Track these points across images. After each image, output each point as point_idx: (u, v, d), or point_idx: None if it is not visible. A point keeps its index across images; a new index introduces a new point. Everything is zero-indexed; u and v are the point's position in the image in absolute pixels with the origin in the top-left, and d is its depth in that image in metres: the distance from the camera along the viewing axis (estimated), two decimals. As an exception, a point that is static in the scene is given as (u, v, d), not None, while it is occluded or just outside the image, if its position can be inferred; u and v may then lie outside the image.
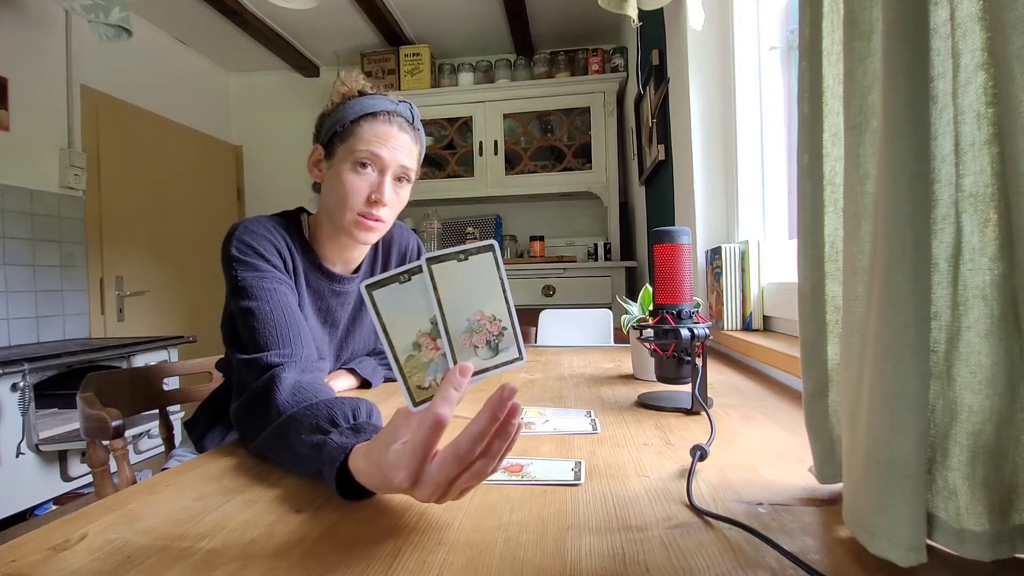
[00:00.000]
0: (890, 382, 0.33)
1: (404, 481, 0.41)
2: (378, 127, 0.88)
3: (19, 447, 1.96)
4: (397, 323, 0.45)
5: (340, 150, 0.88)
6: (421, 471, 0.41)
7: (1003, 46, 0.29)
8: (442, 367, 0.46)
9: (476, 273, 0.45)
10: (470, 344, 0.46)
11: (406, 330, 0.45)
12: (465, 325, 0.46)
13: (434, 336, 0.45)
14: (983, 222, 0.33)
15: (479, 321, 0.46)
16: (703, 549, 0.39)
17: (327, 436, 0.53)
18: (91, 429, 0.90)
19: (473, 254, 0.45)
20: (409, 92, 3.42)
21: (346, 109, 0.89)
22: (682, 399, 0.82)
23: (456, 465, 0.41)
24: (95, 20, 2.31)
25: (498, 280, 0.46)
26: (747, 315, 1.32)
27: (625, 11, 1.51)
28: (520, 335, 0.47)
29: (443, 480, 0.41)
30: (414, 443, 0.41)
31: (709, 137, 1.63)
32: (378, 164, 0.88)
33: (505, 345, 0.47)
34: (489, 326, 0.46)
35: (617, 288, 3.06)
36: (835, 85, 0.44)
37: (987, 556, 0.34)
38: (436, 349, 0.46)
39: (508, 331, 0.46)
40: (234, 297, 0.80)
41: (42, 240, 2.63)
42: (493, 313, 0.46)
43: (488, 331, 0.46)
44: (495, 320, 0.46)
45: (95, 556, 0.40)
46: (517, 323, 0.47)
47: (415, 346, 0.45)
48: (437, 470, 0.41)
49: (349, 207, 0.88)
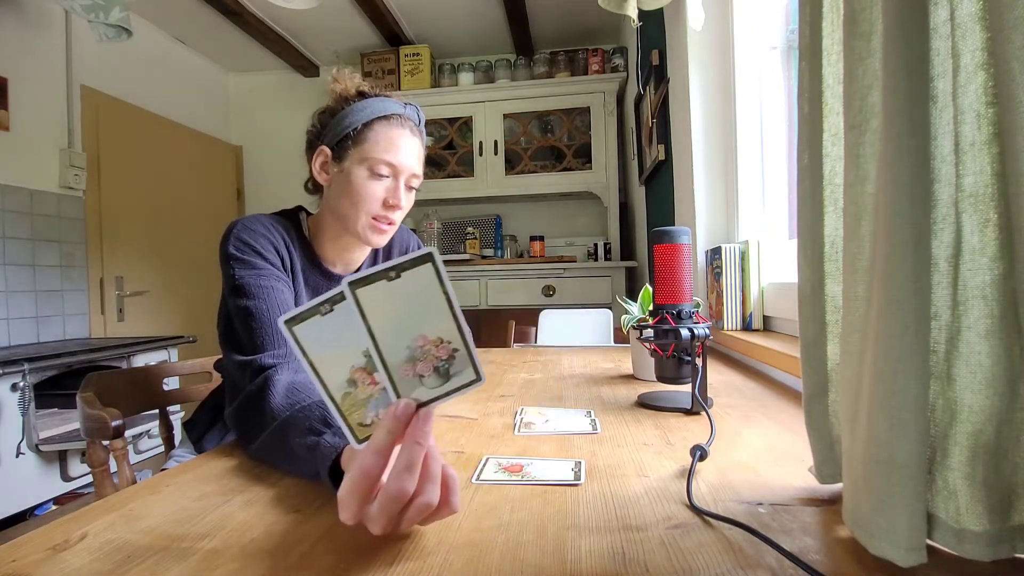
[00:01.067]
0: (890, 382, 0.33)
1: (348, 521, 0.40)
2: (392, 131, 0.88)
3: (19, 447, 1.96)
4: (325, 359, 0.40)
5: (352, 153, 0.88)
6: (362, 512, 0.40)
7: (1003, 46, 0.29)
8: (384, 401, 0.41)
9: (413, 291, 0.39)
10: (414, 374, 0.40)
11: (337, 366, 0.40)
12: (406, 354, 0.40)
13: (369, 370, 0.41)
14: (983, 222, 0.33)
15: (422, 348, 0.40)
16: (703, 549, 0.39)
17: (320, 437, 0.53)
18: (91, 429, 0.90)
19: (407, 269, 0.38)
20: (409, 92, 3.42)
21: (355, 112, 0.89)
22: (682, 399, 0.82)
23: (395, 503, 0.39)
24: (95, 20, 2.31)
25: (441, 295, 0.39)
26: (747, 315, 1.32)
27: (625, 11, 1.51)
28: (475, 354, 0.41)
29: (387, 519, 0.39)
30: (348, 488, 0.40)
31: (709, 137, 1.63)
32: (393, 171, 0.89)
33: (457, 369, 0.41)
34: (436, 351, 0.40)
35: (617, 288, 3.06)
36: (835, 85, 0.44)
37: (987, 556, 0.34)
38: (374, 384, 0.41)
39: (460, 352, 0.40)
40: (231, 295, 0.80)
41: (42, 240, 2.63)
42: (439, 335, 0.40)
43: (435, 356, 0.40)
44: (443, 343, 0.40)
45: (95, 556, 0.40)
46: (471, 341, 0.41)
47: (350, 383, 0.41)
48: (379, 510, 0.39)
49: (365, 211, 0.88)
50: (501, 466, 0.57)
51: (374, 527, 0.40)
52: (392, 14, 3.24)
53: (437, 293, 0.39)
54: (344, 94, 0.91)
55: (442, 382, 0.41)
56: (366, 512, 0.40)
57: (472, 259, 3.32)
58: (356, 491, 0.40)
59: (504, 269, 3.18)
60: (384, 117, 0.88)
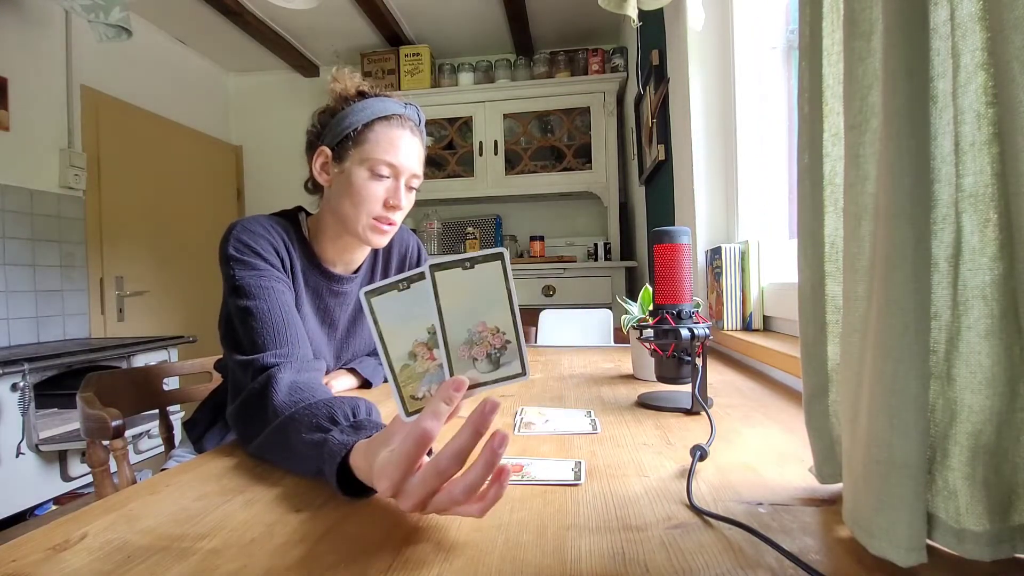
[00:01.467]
0: (890, 382, 0.33)
1: (387, 491, 0.42)
2: (392, 132, 0.88)
3: (19, 447, 1.96)
4: (394, 331, 0.43)
5: (353, 154, 0.88)
6: (403, 483, 0.41)
7: (1003, 46, 0.29)
8: (438, 378, 0.44)
9: (482, 282, 0.43)
10: (469, 356, 0.44)
11: (403, 339, 0.44)
12: (465, 336, 0.44)
13: (431, 346, 0.44)
14: (983, 222, 0.33)
15: (480, 333, 0.44)
16: (703, 549, 0.39)
17: (327, 434, 0.53)
18: (91, 429, 0.90)
19: (480, 262, 0.43)
20: (409, 92, 3.42)
21: (356, 112, 0.89)
22: (682, 399, 0.82)
23: (436, 479, 0.40)
24: (95, 20, 2.31)
25: (505, 291, 0.43)
26: (747, 315, 1.32)
27: (625, 11, 1.51)
28: (525, 350, 0.45)
29: (424, 494, 0.41)
30: (398, 454, 0.41)
31: (709, 137, 1.63)
32: (394, 171, 0.89)
33: (507, 359, 0.44)
34: (491, 338, 0.44)
35: (617, 288, 3.06)
36: (835, 85, 0.44)
37: (987, 556, 0.34)
38: (432, 360, 0.44)
39: (512, 345, 0.44)
40: (232, 296, 0.80)
41: (42, 240, 2.63)
42: (497, 325, 0.44)
43: (490, 343, 0.44)
44: (498, 332, 0.44)
45: (95, 556, 0.40)
46: (523, 337, 0.45)
47: (411, 356, 0.44)
48: (419, 483, 0.41)
49: (365, 212, 0.88)
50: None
51: (408, 501, 0.41)
52: (392, 14, 3.24)
53: (501, 288, 0.43)
54: (344, 94, 0.91)
55: (492, 369, 0.44)
56: (405, 484, 0.41)
57: (472, 259, 3.31)
58: (405, 457, 0.41)
59: (504, 269, 3.18)
60: (384, 118, 0.89)
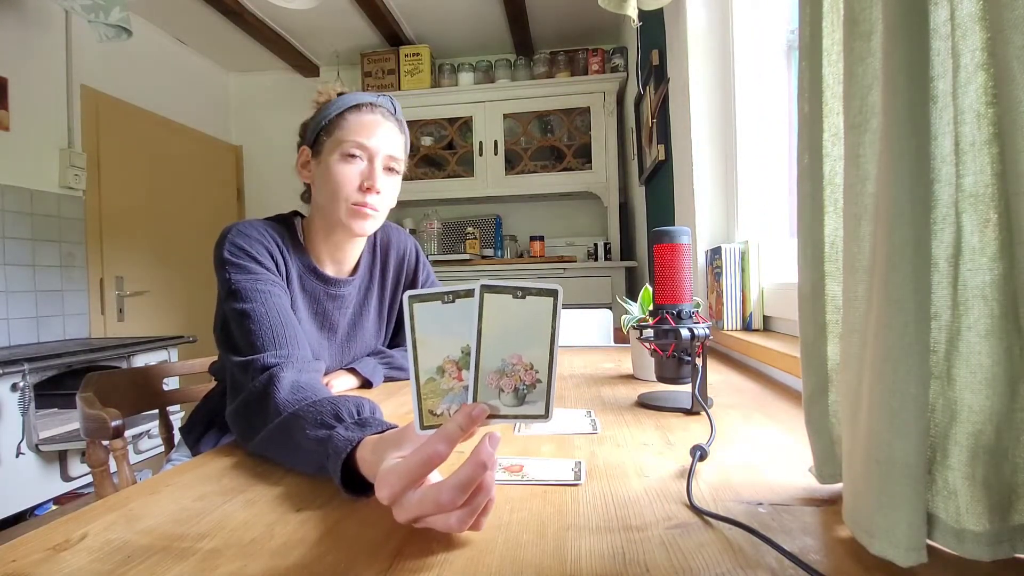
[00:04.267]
0: (890, 382, 0.33)
1: (385, 499, 0.41)
2: (363, 117, 0.90)
3: (19, 447, 1.96)
4: (428, 342, 0.43)
5: (327, 144, 0.90)
6: (402, 496, 0.41)
7: (1003, 46, 0.29)
8: (460, 399, 0.43)
9: (529, 315, 0.42)
10: (496, 385, 0.43)
11: (435, 352, 0.43)
12: (498, 364, 0.43)
13: (461, 366, 0.43)
14: (983, 222, 0.33)
15: (514, 365, 0.43)
16: (703, 549, 0.39)
17: (332, 430, 0.53)
18: (91, 429, 0.90)
19: (533, 294, 0.42)
20: (409, 92, 3.42)
21: (329, 107, 0.92)
22: (682, 399, 0.82)
23: (434, 508, 0.40)
24: (95, 20, 2.31)
25: (550, 329, 0.42)
26: (747, 315, 1.32)
27: (625, 11, 1.51)
28: (553, 394, 0.43)
29: (419, 515, 0.40)
30: (404, 467, 0.41)
31: (709, 137, 1.63)
32: (367, 153, 0.89)
33: (533, 399, 0.43)
34: (523, 373, 0.43)
35: (617, 288, 3.06)
36: (835, 85, 0.44)
37: (987, 556, 0.34)
38: (459, 380, 0.43)
39: (542, 385, 0.43)
40: (227, 300, 0.79)
41: (42, 240, 2.63)
42: (532, 361, 0.43)
43: (520, 378, 0.43)
44: (531, 369, 0.43)
45: (95, 556, 0.40)
46: (555, 381, 0.43)
47: (439, 370, 0.43)
48: (416, 504, 0.40)
49: (342, 197, 0.88)
50: (501, 466, 0.57)
51: (401, 515, 0.41)
52: (392, 14, 3.24)
53: (547, 326, 0.42)
54: (324, 100, 0.94)
55: (515, 404, 0.43)
56: (404, 498, 0.41)
57: (472, 259, 3.32)
58: (409, 473, 0.40)
59: (504, 269, 3.18)
60: (355, 106, 0.91)
